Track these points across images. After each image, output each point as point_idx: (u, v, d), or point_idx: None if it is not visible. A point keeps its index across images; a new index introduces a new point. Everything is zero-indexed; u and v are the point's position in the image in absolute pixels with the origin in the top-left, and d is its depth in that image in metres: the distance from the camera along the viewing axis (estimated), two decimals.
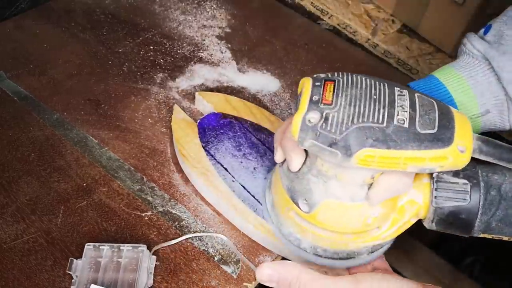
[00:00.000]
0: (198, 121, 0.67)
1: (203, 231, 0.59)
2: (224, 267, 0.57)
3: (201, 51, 0.82)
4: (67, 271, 0.52)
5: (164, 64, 0.79)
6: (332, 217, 0.50)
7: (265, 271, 0.47)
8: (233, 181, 0.61)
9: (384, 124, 0.43)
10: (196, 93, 0.71)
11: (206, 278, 0.56)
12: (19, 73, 0.74)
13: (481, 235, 0.54)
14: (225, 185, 0.61)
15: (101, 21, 0.85)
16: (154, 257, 0.56)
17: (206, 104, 0.70)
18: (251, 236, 0.59)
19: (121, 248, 0.54)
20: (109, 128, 0.69)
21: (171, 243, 0.58)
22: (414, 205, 0.52)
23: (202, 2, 0.91)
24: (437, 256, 0.94)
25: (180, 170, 0.65)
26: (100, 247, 0.54)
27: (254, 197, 0.60)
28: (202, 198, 0.62)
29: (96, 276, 0.53)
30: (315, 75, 0.47)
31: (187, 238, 0.59)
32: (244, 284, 0.56)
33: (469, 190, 0.50)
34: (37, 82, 0.73)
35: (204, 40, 0.84)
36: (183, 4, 0.90)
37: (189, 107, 0.72)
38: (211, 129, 0.66)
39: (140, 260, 0.54)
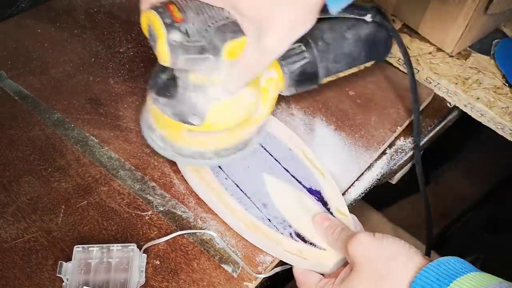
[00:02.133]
0: None
1: (207, 230, 0.60)
2: (225, 267, 0.57)
3: None
4: (57, 275, 0.52)
5: None
6: (223, 117, 0.57)
7: (322, 220, 0.57)
8: (226, 178, 0.61)
9: (231, 18, 0.50)
10: None
11: (207, 278, 0.56)
12: (20, 72, 0.74)
13: (324, 80, 0.68)
14: (218, 182, 0.61)
15: (101, 21, 0.85)
16: (144, 255, 0.56)
17: None
18: (242, 234, 0.59)
19: (110, 248, 0.54)
20: (110, 128, 0.69)
21: (162, 240, 0.58)
22: (272, 81, 0.62)
23: None
24: (437, 255, 0.94)
25: None
26: (89, 248, 0.54)
27: (246, 195, 0.60)
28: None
29: (87, 278, 0.53)
30: (149, 8, 0.50)
31: (181, 235, 0.59)
32: (245, 283, 0.56)
33: (305, 49, 0.64)
34: (37, 82, 0.73)
35: None
36: None
37: None
38: None
39: (131, 259, 0.54)
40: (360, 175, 0.70)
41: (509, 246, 1.06)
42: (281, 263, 0.58)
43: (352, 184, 0.69)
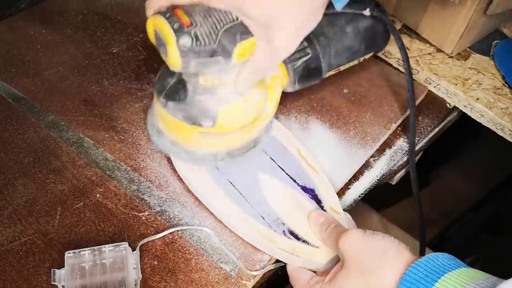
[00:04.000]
0: None
1: (200, 227, 0.63)
2: (223, 266, 0.60)
3: None
4: (51, 283, 0.55)
5: (158, 64, 0.81)
6: (234, 118, 0.60)
7: (317, 216, 0.61)
8: (220, 176, 0.65)
9: (239, 20, 0.52)
10: None
11: (205, 277, 0.59)
12: (13, 74, 0.77)
13: (328, 74, 0.74)
14: (212, 180, 0.64)
15: (94, 22, 0.88)
16: (137, 252, 0.58)
17: None
18: (236, 232, 0.62)
19: (102, 249, 0.57)
20: (104, 129, 0.72)
21: (157, 237, 0.61)
22: (277, 78, 0.67)
23: None
24: None
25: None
26: (81, 252, 0.57)
27: (240, 193, 0.64)
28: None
29: (83, 282, 0.55)
30: (155, 13, 0.52)
31: (178, 235, 0.62)
32: (243, 282, 0.59)
33: (307, 45, 0.70)
34: (31, 84, 0.76)
35: None
36: None
37: None
38: None
39: (125, 258, 0.57)
40: (360, 175, 0.73)
41: (509, 246, 1.08)
42: (278, 261, 0.61)
43: (350, 182, 0.72)
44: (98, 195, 0.65)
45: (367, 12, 0.73)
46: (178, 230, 0.62)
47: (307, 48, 0.70)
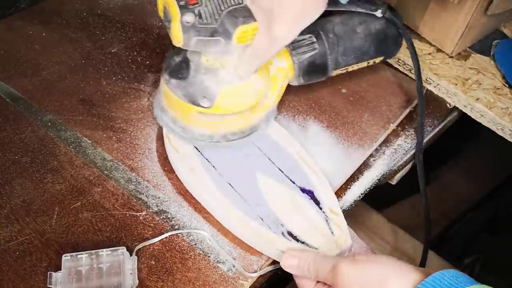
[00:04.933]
0: None
1: (197, 230, 0.63)
2: (220, 266, 0.60)
3: None
4: (47, 286, 0.55)
5: (157, 64, 0.82)
6: (232, 101, 0.62)
7: (289, 261, 0.57)
8: (219, 177, 0.65)
9: (244, 3, 0.55)
10: None
11: (202, 277, 0.59)
12: (11, 74, 0.78)
13: (334, 73, 0.74)
14: (211, 181, 0.64)
15: (93, 22, 0.88)
16: (135, 257, 0.59)
17: None
18: (235, 233, 0.62)
19: (100, 253, 0.57)
20: (102, 129, 0.72)
21: (154, 241, 0.61)
22: (282, 70, 0.69)
23: None
24: (437, 256, 0.97)
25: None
26: (78, 256, 0.57)
27: (239, 194, 0.64)
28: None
29: (79, 286, 0.55)
30: None
31: (175, 235, 0.62)
32: (240, 282, 0.59)
33: (315, 40, 0.71)
34: (29, 84, 0.77)
35: None
36: None
37: None
38: None
39: (122, 263, 0.57)
40: (360, 175, 0.74)
41: (509, 246, 1.08)
42: (277, 262, 0.61)
43: (350, 182, 0.72)
44: (95, 195, 0.65)
45: (378, 13, 0.73)
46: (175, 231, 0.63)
47: (315, 43, 0.71)
